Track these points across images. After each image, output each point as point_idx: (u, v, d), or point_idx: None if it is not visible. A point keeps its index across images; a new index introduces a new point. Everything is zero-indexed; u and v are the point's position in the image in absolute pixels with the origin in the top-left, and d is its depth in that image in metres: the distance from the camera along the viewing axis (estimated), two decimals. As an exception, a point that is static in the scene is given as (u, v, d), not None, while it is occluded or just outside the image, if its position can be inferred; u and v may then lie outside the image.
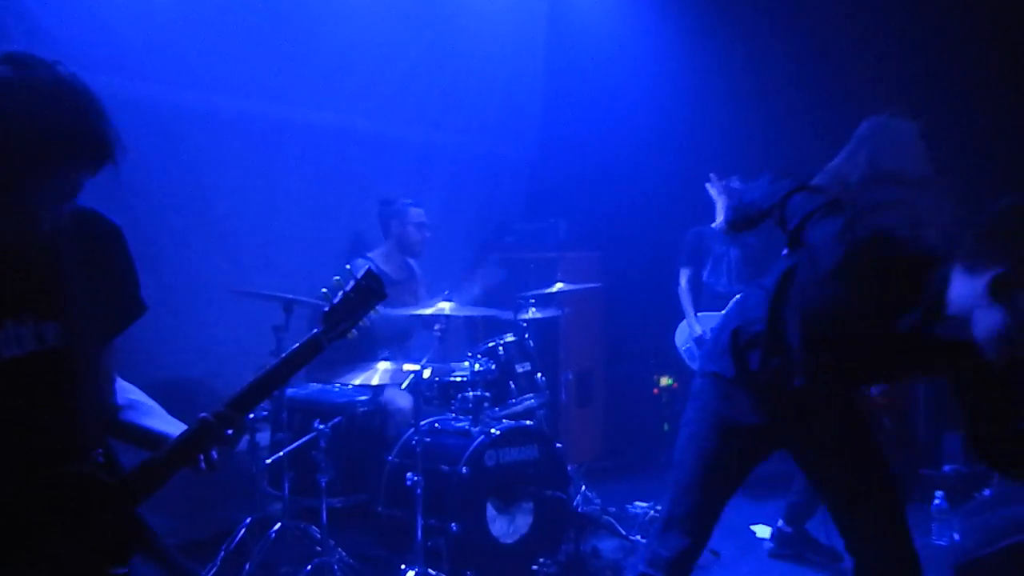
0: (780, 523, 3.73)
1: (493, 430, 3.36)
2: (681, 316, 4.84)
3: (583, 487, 4.02)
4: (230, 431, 1.45)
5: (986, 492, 3.68)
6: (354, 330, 1.56)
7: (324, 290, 1.57)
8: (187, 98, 3.92)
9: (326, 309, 1.54)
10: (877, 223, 1.93)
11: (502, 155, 5.60)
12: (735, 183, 4.78)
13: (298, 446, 3.18)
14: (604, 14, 5.45)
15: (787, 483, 4.42)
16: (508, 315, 3.93)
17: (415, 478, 3.12)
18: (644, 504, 4.16)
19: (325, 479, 3.15)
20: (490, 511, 3.30)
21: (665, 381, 5.23)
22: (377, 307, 1.59)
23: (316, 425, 3.17)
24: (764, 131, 4.89)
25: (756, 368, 2.13)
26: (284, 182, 4.34)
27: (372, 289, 1.55)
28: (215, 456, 1.46)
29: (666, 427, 5.31)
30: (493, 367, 3.69)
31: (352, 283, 1.55)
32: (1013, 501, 3.35)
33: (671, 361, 4.98)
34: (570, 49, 5.61)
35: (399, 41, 4.83)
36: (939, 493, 3.77)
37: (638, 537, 3.74)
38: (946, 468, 4.35)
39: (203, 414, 1.44)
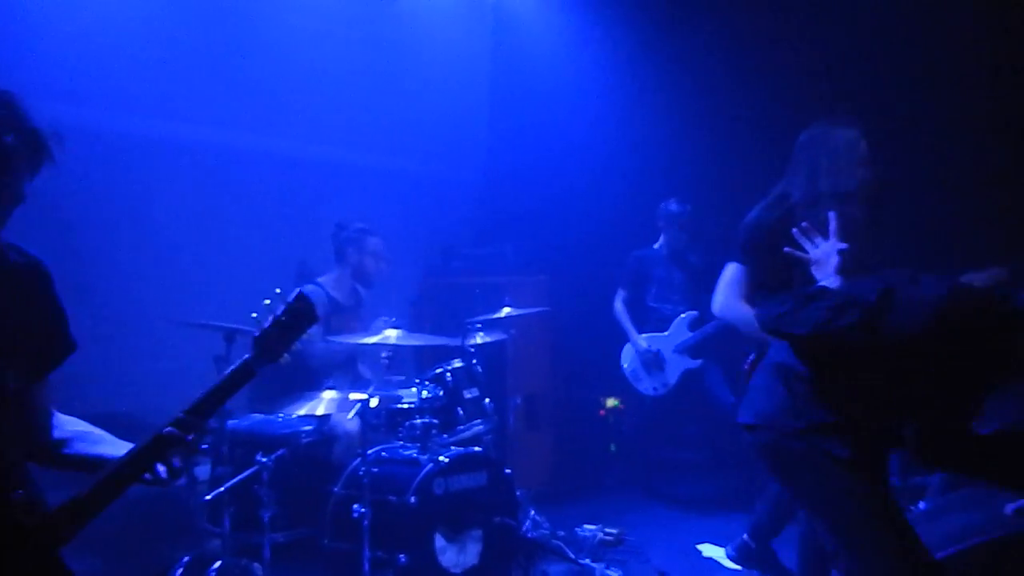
0: (745, 536, 3.73)
1: (442, 457, 3.33)
2: (626, 338, 4.91)
3: (532, 512, 4.02)
4: (191, 436, 1.42)
5: (921, 505, 3.79)
6: (287, 355, 1.53)
7: (254, 315, 1.54)
8: (125, 123, 3.85)
9: (256, 334, 1.51)
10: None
11: (450, 180, 5.63)
12: (673, 206, 4.93)
13: (239, 480, 3.09)
14: (549, 40, 5.55)
15: (733, 502, 4.52)
16: (455, 341, 3.92)
17: (362, 510, 3.06)
18: (592, 527, 4.17)
19: (268, 514, 3.07)
20: (439, 541, 3.26)
21: (611, 403, 5.28)
22: (326, 336, 1.57)
23: (258, 458, 3.09)
24: (707, 155, 5.03)
25: None
26: (228, 209, 4.27)
27: (304, 312, 1.53)
28: (177, 464, 1.43)
29: (613, 448, 5.36)
30: (441, 393, 3.66)
31: (283, 307, 1.53)
32: (945, 514, 3.46)
33: (617, 383, 5.03)
34: (515, 75, 5.70)
35: (345, 67, 4.84)
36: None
37: (587, 560, 3.74)
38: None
39: (164, 430, 1.40)
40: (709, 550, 4.01)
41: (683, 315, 4.85)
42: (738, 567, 3.71)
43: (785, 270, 2.69)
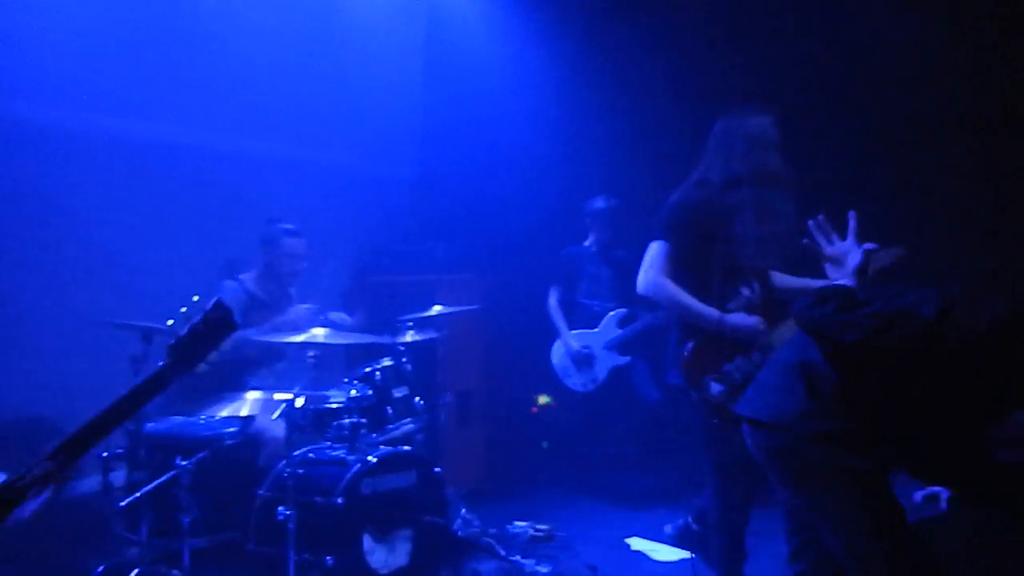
0: (689, 519, 3.74)
1: (370, 457, 3.30)
2: (557, 335, 4.96)
3: (463, 510, 4.02)
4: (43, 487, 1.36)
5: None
6: (203, 364, 1.50)
7: (170, 322, 1.51)
8: (40, 114, 3.68)
9: (171, 342, 1.48)
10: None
11: (382, 176, 5.57)
12: (599, 203, 5.00)
13: (156, 485, 3.00)
14: (482, 37, 5.55)
15: (661, 496, 4.61)
16: (385, 339, 3.88)
17: (287, 512, 3.01)
18: (523, 523, 4.20)
19: (188, 518, 2.98)
20: (367, 542, 3.22)
21: (543, 400, 5.32)
22: (243, 329, 1.54)
23: (178, 462, 3.00)
24: (638, 153, 5.10)
25: None
26: (150, 204, 4.12)
27: (221, 321, 1.50)
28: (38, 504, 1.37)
29: (545, 445, 5.40)
30: (370, 392, 3.63)
31: (200, 315, 1.50)
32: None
33: (549, 380, 5.07)
34: (449, 72, 5.67)
35: (276, 60, 4.73)
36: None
37: (518, 557, 3.77)
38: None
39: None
40: (637, 543, 4.09)
41: (612, 312, 4.92)
42: (672, 553, 3.76)
43: (706, 248, 2.90)
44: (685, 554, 3.76)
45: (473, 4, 5.58)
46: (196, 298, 1.58)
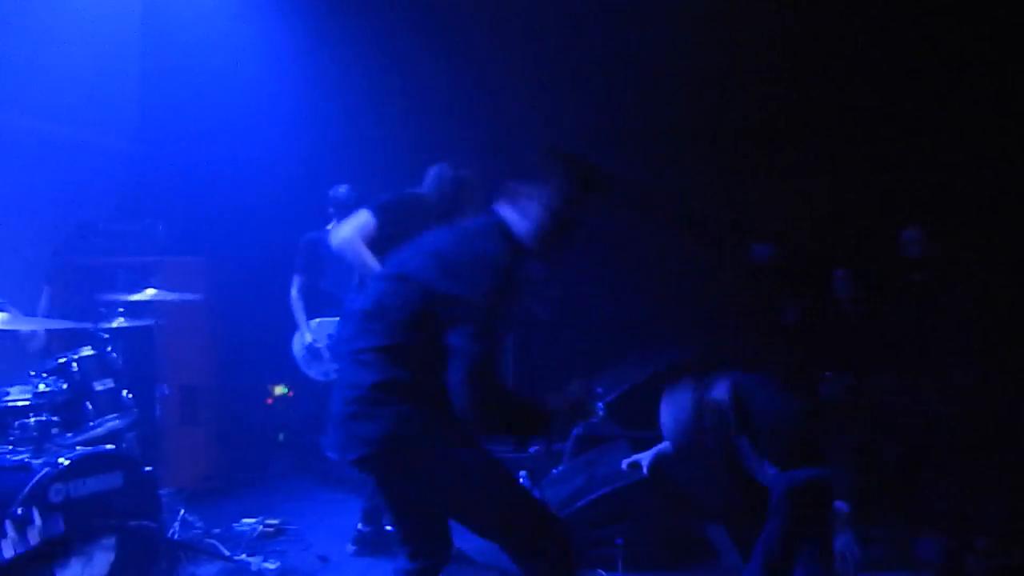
0: (359, 525, 3.81)
1: (61, 460, 2.89)
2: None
3: (182, 511, 3.69)
4: None
5: (559, 468, 4.23)
6: None
7: None
8: None
9: None
10: None
11: (90, 145, 4.89)
12: (342, 192, 4.88)
13: None
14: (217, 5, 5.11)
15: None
16: (85, 326, 3.43)
17: (-52, 530, 2.53)
18: (252, 520, 3.97)
19: None
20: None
21: (279, 390, 5.07)
22: None
23: None
24: (379, 139, 5.04)
25: None
26: None
27: None
28: None
29: (281, 437, 5.16)
30: (64, 387, 3.20)
31: None
32: (577, 473, 3.91)
33: (286, 369, 4.84)
34: (172, 31, 5.13)
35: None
36: (522, 472, 4.23)
37: (243, 556, 3.54)
38: (530, 450, 4.91)
39: None
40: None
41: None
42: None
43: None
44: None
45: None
46: None
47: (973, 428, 3.57)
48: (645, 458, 3.48)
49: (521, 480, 4.18)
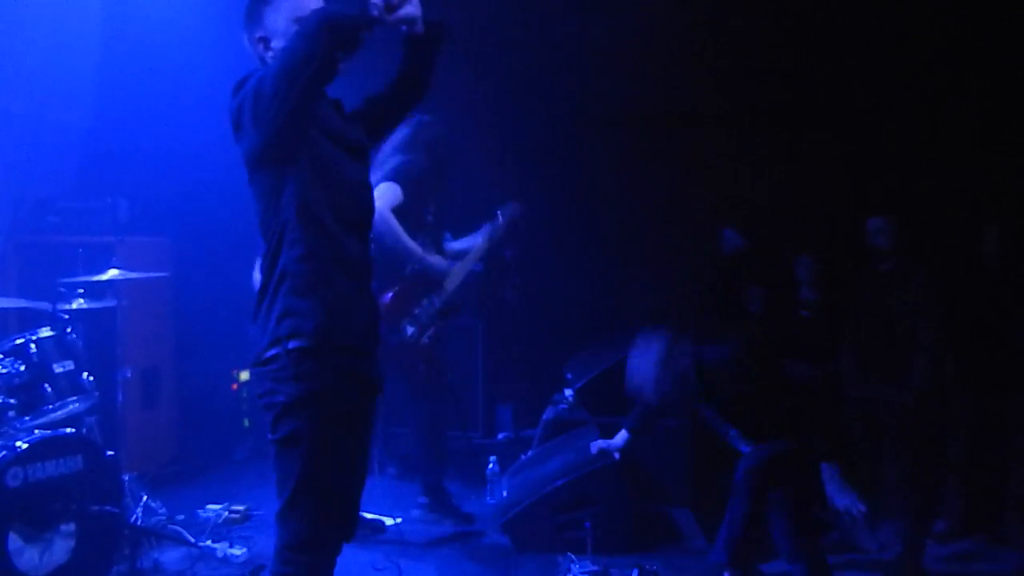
0: (421, 499, 3.91)
1: (19, 443, 2.81)
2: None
3: (144, 497, 3.61)
4: None
5: (528, 454, 4.23)
6: None
7: None
8: None
9: None
10: None
11: (46, 119, 4.71)
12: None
13: None
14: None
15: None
16: (43, 306, 3.32)
17: None
18: (217, 506, 3.91)
19: None
20: (14, 541, 2.75)
21: (244, 376, 4.99)
22: None
23: None
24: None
25: None
26: None
27: None
28: None
29: (246, 423, 5.08)
30: (22, 368, 3.10)
31: None
32: (549, 458, 3.92)
33: (252, 354, 4.75)
34: (135, 1, 4.96)
35: None
36: (492, 458, 4.24)
37: (208, 542, 3.49)
38: (500, 436, 4.92)
39: None
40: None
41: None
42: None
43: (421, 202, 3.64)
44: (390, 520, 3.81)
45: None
46: None
47: (932, 416, 3.65)
48: (614, 443, 3.50)
49: (491, 466, 4.19)
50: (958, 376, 3.78)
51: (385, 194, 3.41)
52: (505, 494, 3.84)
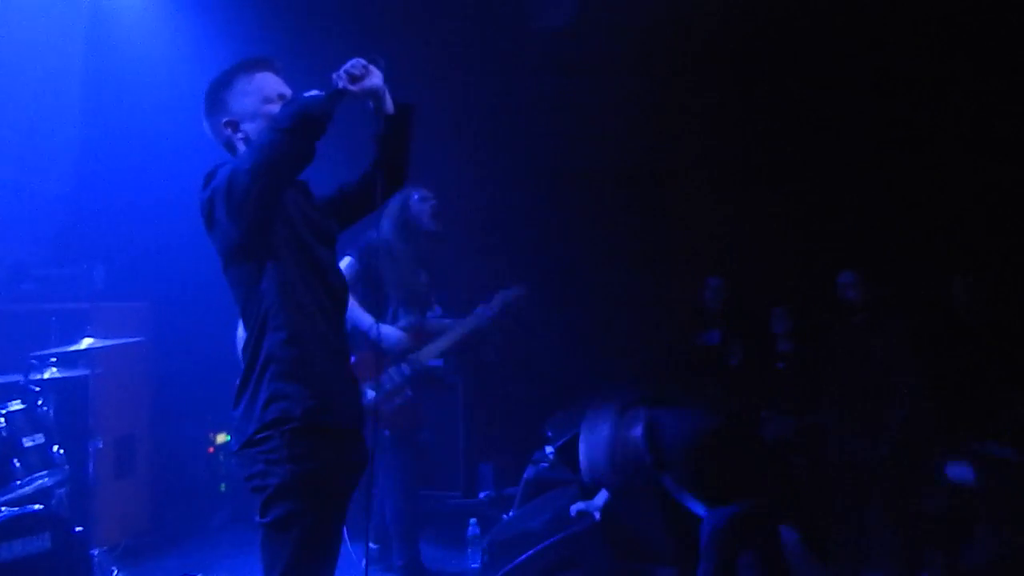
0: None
1: (-16, 524, 2.75)
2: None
3: (115, 570, 3.52)
4: None
5: (510, 513, 4.18)
6: None
7: None
8: None
9: None
10: None
11: (24, 186, 4.73)
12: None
13: None
14: (155, 35, 5.03)
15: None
16: (15, 378, 3.28)
17: None
18: (192, 577, 3.82)
19: None
20: (-23, 627, 2.67)
21: (222, 438, 4.92)
22: None
23: None
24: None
25: None
26: None
27: None
28: None
29: (223, 487, 4.99)
30: (-10, 444, 3.04)
31: None
32: (530, 518, 3.87)
33: (228, 416, 4.69)
34: (113, 71, 5.03)
35: None
36: (472, 520, 4.17)
37: (182, 617, 3.40)
38: (481, 495, 4.86)
39: None
40: None
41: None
42: None
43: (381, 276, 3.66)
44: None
45: (142, 10, 5.05)
46: None
47: (907, 467, 3.66)
48: (594, 504, 3.47)
49: (471, 528, 4.13)
50: (937, 426, 3.81)
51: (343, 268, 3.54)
52: (487, 559, 3.77)
